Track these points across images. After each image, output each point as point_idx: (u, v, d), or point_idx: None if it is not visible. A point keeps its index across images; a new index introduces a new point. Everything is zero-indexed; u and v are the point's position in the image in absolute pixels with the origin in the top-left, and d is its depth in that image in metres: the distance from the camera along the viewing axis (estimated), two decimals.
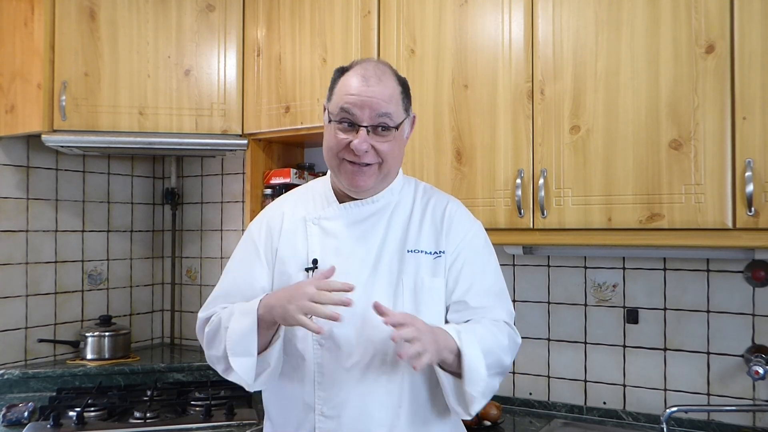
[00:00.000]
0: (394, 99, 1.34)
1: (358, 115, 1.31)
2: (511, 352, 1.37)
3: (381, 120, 1.31)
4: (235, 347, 1.29)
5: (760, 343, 1.86)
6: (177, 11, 2.34)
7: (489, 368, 1.28)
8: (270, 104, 2.31)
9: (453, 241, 1.40)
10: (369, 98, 1.30)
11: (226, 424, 2.01)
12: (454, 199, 1.49)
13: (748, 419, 1.88)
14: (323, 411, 1.32)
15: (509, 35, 1.85)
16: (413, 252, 1.38)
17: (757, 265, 1.84)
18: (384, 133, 1.33)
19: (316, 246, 1.39)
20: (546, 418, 2.08)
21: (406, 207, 1.44)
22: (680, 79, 1.63)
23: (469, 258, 1.40)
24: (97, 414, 2.07)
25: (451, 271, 1.39)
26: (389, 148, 1.34)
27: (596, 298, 2.09)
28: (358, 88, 1.31)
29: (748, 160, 1.54)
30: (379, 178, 1.37)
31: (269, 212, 1.49)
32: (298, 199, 1.50)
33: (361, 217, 1.40)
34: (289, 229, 1.43)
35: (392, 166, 1.38)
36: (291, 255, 1.40)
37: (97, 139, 2.26)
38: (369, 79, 1.32)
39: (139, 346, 2.88)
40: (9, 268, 2.43)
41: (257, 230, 1.46)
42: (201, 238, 2.92)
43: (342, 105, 1.32)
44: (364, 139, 1.31)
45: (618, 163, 1.70)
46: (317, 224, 1.41)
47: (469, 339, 1.26)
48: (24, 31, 2.30)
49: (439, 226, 1.41)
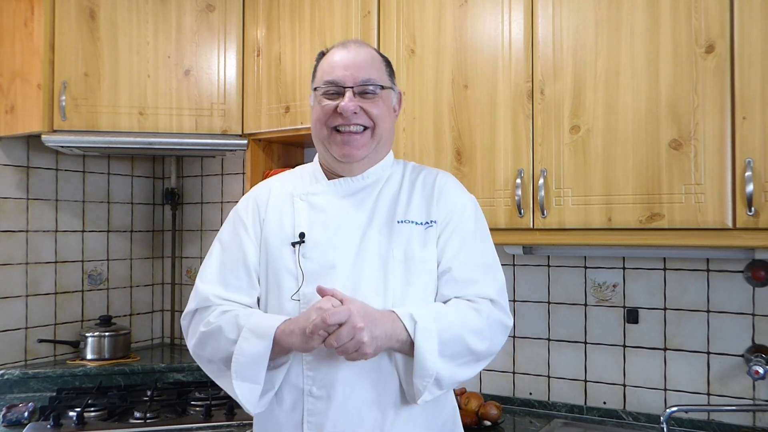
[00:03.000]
0: (375, 64, 1.36)
1: (341, 79, 1.32)
2: (489, 336, 1.31)
3: (365, 82, 1.32)
4: (242, 371, 1.25)
5: (760, 343, 1.86)
6: (177, 11, 2.34)
7: (451, 358, 1.25)
8: (270, 104, 2.31)
9: (443, 210, 1.37)
10: (351, 62, 1.33)
11: (226, 424, 2.01)
12: (445, 172, 1.46)
13: (748, 419, 1.88)
14: (312, 391, 1.29)
15: (509, 35, 1.86)
16: (403, 222, 1.35)
17: (757, 265, 1.84)
18: (370, 96, 1.33)
19: (303, 220, 1.36)
20: (546, 418, 2.08)
21: (395, 181, 1.42)
22: (680, 79, 1.63)
23: (459, 227, 1.36)
24: (97, 414, 2.07)
25: (439, 240, 1.35)
26: (379, 112, 1.34)
27: (596, 298, 2.09)
28: (339, 56, 1.35)
29: (748, 160, 1.54)
30: (371, 147, 1.35)
31: (256, 189, 1.48)
32: (286, 177, 1.49)
33: (349, 191, 1.38)
34: (276, 204, 1.41)
35: (384, 132, 1.37)
36: (277, 229, 1.38)
37: (97, 139, 2.26)
38: (348, 46, 1.36)
39: (139, 346, 2.88)
40: (9, 268, 2.44)
41: (243, 207, 1.44)
42: (201, 238, 2.92)
43: (324, 77, 1.34)
44: (351, 99, 1.31)
45: (618, 163, 1.70)
46: (305, 200, 1.39)
47: (426, 329, 1.22)
48: (24, 31, 2.30)
49: (430, 195, 1.38)
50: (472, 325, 1.28)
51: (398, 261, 1.32)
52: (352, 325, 1.16)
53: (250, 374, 1.24)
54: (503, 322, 1.35)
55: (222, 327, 1.30)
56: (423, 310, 1.26)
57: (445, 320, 1.26)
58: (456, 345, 1.26)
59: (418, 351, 1.22)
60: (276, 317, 1.28)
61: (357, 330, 1.16)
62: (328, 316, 1.16)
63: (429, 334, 1.23)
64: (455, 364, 1.26)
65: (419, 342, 1.21)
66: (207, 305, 1.36)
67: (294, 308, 1.31)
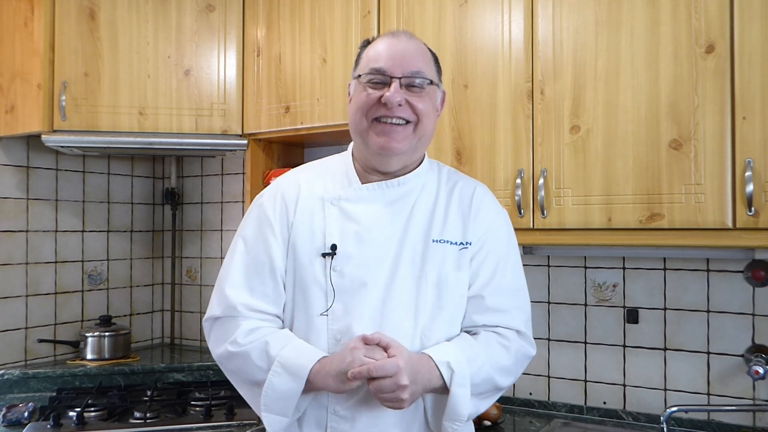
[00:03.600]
0: (425, 57, 1.29)
1: (389, 69, 1.24)
2: (515, 371, 1.31)
3: (414, 74, 1.25)
4: (272, 405, 1.22)
5: (760, 343, 1.86)
6: (177, 11, 2.34)
7: (479, 395, 1.25)
8: (270, 104, 2.31)
9: (479, 231, 1.33)
10: (400, 52, 1.25)
11: (226, 424, 2.01)
12: (481, 185, 1.40)
13: (748, 419, 1.88)
14: (336, 410, 1.25)
15: (509, 35, 1.86)
16: (438, 242, 1.30)
17: (757, 265, 1.84)
18: (417, 90, 1.26)
19: (334, 230, 1.29)
20: (546, 418, 2.08)
21: (430, 192, 1.35)
22: (680, 79, 1.63)
23: (492, 250, 1.33)
24: (97, 414, 2.07)
25: (473, 262, 1.31)
26: (425, 107, 1.27)
27: (596, 298, 2.09)
28: (388, 44, 1.27)
29: (748, 160, 1.54)
30: (413, 142, 1.28)
31: (284, 185, 1.37)
32: (316, 174, 1.38)
33: (385, 200, 1.31)
34: (306, 207, 1.32)
35: (426, 130, 1.30)
36: (307, 236, 1.30)
37: (97, 139, 2.26)
38: (399, 36, 1.28)
39: (139, 346, 2.88)
40: (9, 268, 2.44)
41: (271, 205, 1.34)
42: (201, 238, 2.92)
43: (371, 64, 1.26)
44: (397, 90, 1.23)
45: (618, 163, 1.70)
46: (337, 205, 1.31)
47: (461, 376, 1.21)
48: (24, 31, 2.30)
49: (467, 212, 1.33)
50: (501, 364, 1.28)
51: (431, 283, 1.28)
52: (396, 381, 1.14)
53: (280, 409, 1.22)
54: (528, 354, 1.35)
55: (250, 353, 1.25)
56: (458, 355, 1.23)
57: (478, 363, 1.24)
58: (485, 385, 1.26)
59: (453, 398, 1.21)
60: (309, 352, 1.23)
61: (400, 388, 1.14)
62: (375, 369, 1.13)
63: (464, 381, 1.21)
64: (481, 399, 1.27)
65: (455, 390, 1.20)
66: (233, 315, 1.30)
67: (322, 324, 1.27)
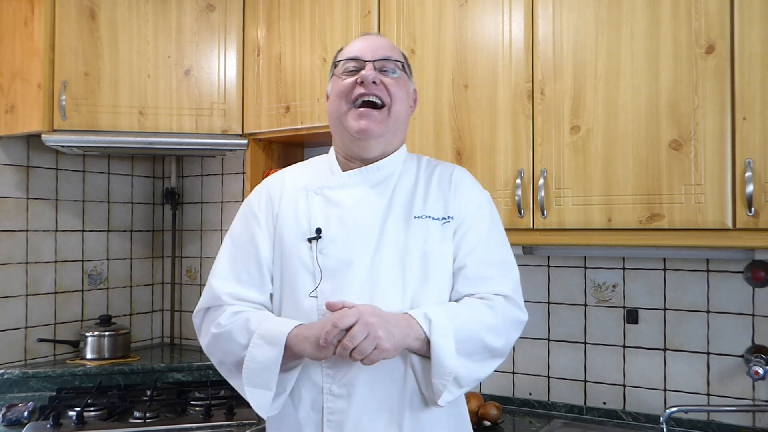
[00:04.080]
0: (396, 52, 1.40)
1: (362, 55, 1.35)
2: (504, 332, 1.30)
3: (385, 60, 1.35)
4: (253, 378, 1.24)
5: (760, 343, 1.86)
6: (177, 11, 2.34)
7: (468, 355, 1.24)
8: (270, 104, 2.31)
9: (460, 206, 1.37)
10: (373, 42, 1.37)
11: (226, 424, 2.01)
12: (461, 167, 1.45)
13: (748, 419, 1.88)
14: (332, 389, 1.28)
15: (509, 35, 1.85)
16: (421, 218, 1.34)
17: (757, 265, 1.84)
18: (390, 74, 1.35)
19: (319, 215, 1.35)
20: (546, 418, 2.08)
21: (410, 177, 1.41)
22: (680, 79, 1.63)
23: (474, 224, 1.36)
24: (97, 414, 2.07)
25: (455, 236, 1.35)
26: (397, 90, 1.35)
27: (596, 298, 2.09)
28: (360, 39, 1.40)
29: (748, 160, 1.54)
30: (387, 125, 1.34)
31: (269, 182, 1.45)
32: (300, 170, 1.47)
33: (366, 184, 1.37)
34: (290, 198, 1.39)
35: (400, 113, 1.37)
36: (293, 224, 1.36)
37: (97, 139, 2.26)
38: (369, 35, 1.43)
39: (139, 346, 2.88)
40: (9, 268, 2.44)
41: (257, 199, 1.42)
42: (201, 238, 2.92)
43: (345, 57, 1.37)
44: (371, 69, 1.33)
45: (618, 163, 1.70)
46: (320, 194, 1.37)
47: (441, 327, 1.22)
48: (24, 31, 2.30)
49: (447, 190, 1.38)
50: (486, 322, 1.28)
51: (416, 257, 1.31)
52: (364, 322, 1.16)
53: (262, 381, 1.24)
54: (518, 318, 1.34)
55: (232, 331, 1.29)
56: (437, 310, 1.26)
57: (460, 318, 1.26)
58: (472, 343, 1.25)
59: (435, 349, 1.21)
60: (287, 322, 1.27)
61: (370, 326, 1.16)
62: (338, 319, 1.16)
63: (445, 332, 1.22)
64: (472, 361, 1.26)
65: (435, 340, 1.21)
66: (219, 304, 1.35)
67: (311, 305, 1.30)
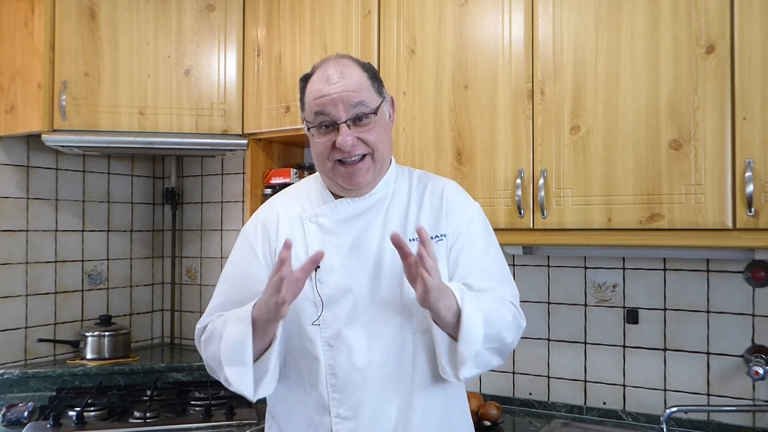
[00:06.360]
0: (363, 87, 1.33)
1: (333, 114, 1.30)
2: (513, 330, 1.33)
3: (357, 110, 1.30)
4: (230, 356, 1.26)
5: (760, 343, 1.86)
6: (177, 11, 2.34)
7: (487, 338, 1.25)
8: (270, 104, 2.31)
9: (453, 224, 1.38)
10: (338, 94, 1.30)
11: (226, 424, 2.01)
12: (450, 181, 1.46)
13: (748, 419, 1.88)
14: (339, 412, 1.31)
15: (509, 35, 1.85)
16: (416, 240, 1.33)
17: (757, 265, 1.84)
18: (365, 122, 1.32)
19: (315, 244, 1.37)
20: (546, 418, 2.08)
21: (402, 197, 1.42)
22: (680, 79, 1.63)
23: (468, 241, 1.38)
24: (96, 414, 2.07)
25: (450, 254, 1.36)
26: (376, 136, 1.33)
27: (596, 298, 2.09)
28: (324, 89, 1.31)
29: (748, 161, 1.54)
30: (375, 170, 1.36)
31: (263, 213, 1.47)
32: (292, 197, 1.48)
33: (358, 211, 1.38)
34: (286, 229, 1.40)
35: (384, 153, 1.37)
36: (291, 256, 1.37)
37: (97, 139, 2.26)
38: (331, 78, 1.32)
39: (139, 346, 2.88)
40: (9, 268, 2.43)
41: (253, 232, 1.44)
42: (201, 238, 2.92)
43: (314, 110, 1.32)
44: (347, 134, 1.29)
45: (618, 164, 1.70)
46: (314, 222, 1.39)
47: (472, 302, 1.24)
48: (24, 31, 2.30)
49: (438, 209, 1.39)
50: (502, 315, 1.31)
51: None
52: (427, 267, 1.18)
53: (237, 357, 1.25)
54: (520, 324, 1.37)
55: (215, 329, 1.33)
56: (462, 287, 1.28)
57: (484, 302, 1.28)
58: (491, 327, 1.26)
59: (466, 317, 1.22)
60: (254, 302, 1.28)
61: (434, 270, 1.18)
62: None
63: (475, 307, 1.24)
64: (489, 347, 1.27)
65: (467, 309, 1.22)
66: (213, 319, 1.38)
67: (315, 333, 1.33)
